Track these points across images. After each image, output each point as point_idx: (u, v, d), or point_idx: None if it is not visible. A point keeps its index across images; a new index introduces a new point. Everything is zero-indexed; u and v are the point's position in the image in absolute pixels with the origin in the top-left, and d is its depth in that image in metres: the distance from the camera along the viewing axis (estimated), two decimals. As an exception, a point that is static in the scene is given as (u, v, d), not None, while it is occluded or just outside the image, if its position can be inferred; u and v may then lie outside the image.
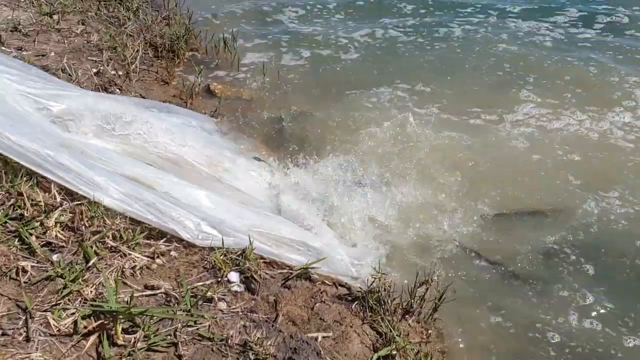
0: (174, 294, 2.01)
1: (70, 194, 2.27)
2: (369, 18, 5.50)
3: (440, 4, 5.86)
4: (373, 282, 2.27)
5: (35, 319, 1.78)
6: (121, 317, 1.79)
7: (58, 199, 2.24)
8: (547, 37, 5.19)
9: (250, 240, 2.28)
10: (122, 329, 1.80)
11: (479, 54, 4.86)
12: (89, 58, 3.78)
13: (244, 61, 4.53)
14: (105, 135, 2.73)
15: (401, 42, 5.06)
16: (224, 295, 2.10)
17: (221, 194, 2.62)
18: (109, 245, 2.14)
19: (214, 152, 3.00)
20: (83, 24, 4.24)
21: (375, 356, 2.03)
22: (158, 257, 2.20)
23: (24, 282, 1.91)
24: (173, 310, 1.92)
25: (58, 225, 2.15)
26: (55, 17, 4.15)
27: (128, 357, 1.73)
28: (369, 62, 4.71)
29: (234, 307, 2.06)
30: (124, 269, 2.07)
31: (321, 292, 2.29)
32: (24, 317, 1.77)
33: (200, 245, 2.26)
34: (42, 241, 2.08)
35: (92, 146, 2.55)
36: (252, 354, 1.84)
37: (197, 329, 1.90)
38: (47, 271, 1.96)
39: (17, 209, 2.15)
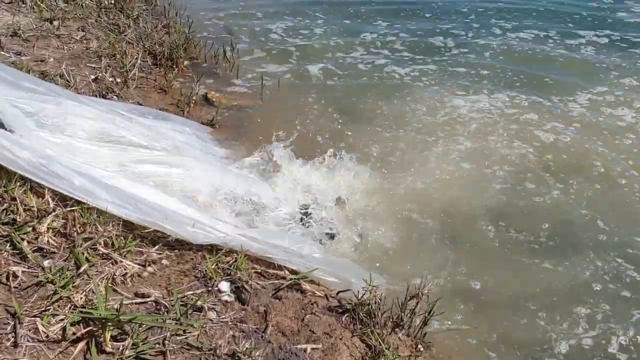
0: (164, 302, 2.01)
1: (63, 200, 2.28)
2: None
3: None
4: (364, 294, 2.27)
5: (24, 324, 1.77)
6: (110, 324, 1.79)
7: (51, 205, 2.25)
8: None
9: (242, 249, 2.29)
10: (111, 337, 1.80)
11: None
12: (87, 64, 3.81)
13: (243, 71, 4.56)
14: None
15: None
16: (214, 304, 2.10)
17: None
18: (101, 252, 2.15)
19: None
20: (83, 30, 4.27)
21: (364, 369, 2.03)
22: (149, 265, 2.20)
23: (14, 287, 1.91)
24: (162, 319, 1.92)
25: (50, 230, 2.15)
26: (56, 23, 4.18)
27: (116, 365, 1.73)
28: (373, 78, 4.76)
29: (223, 316, 2.06)
30: (115, 276, 2.07)
31: (312, 304, 2.29)
32: (12, 323, 1.77)
33: (195, 242, 2.29)
34: (34, 246, 2.09)
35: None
36: (240, 364, 1.84)
37: (186, 338, 1.90)
38: (37, 277, 1.96)
39: (9, 214, 2.16)
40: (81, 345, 1.77)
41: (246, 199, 2.81)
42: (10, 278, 1.93)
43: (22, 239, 2.08)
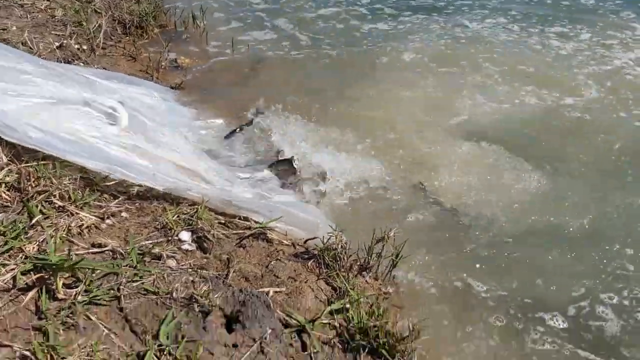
0: (121, 251, 1.97)
1: (18, 156, 2.23)
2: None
3: None
4: (329, 238, 2.24)
5: (-27, 275, 1.73)
6: (62, 271, 1.75)
7: (5, 160, 2.19)
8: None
9: (202, 200, 2.25)
10: (64, 284, 1.76)
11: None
12: (52, 32, 3.72)
13: (213, 37, 4.49)
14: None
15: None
16: (174, 253, 2.06)
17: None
18: (56, 205, 2.09)
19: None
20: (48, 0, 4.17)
21: (328, 309, 2.00)
22: (108, 217, 2.15)
23: (-36, 240, 1.86)
24: (117, 265, 1.87)
25: (3, 185, 2.10)
26: (19, -8, 4.08)
27: (68, 310, 1.69)
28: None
29: (183, 264, 2.02)
30: (71, 228, 2.02)
31: (278, 252, 2.26)
32: (-40, 273, 1.73)
33: (155, 186, 2.28)
34: (-14, 201, 2.04)
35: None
36: (198, 306, 1.80)
37: (142, 283, 1.86)
38: (-12, 229, 1.92)
39: (-40, 169, 2.11)
40: (32, 293, 1.72)
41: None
42: (-40, 231, 1.88)
43: (-27, 194, 2.03)
